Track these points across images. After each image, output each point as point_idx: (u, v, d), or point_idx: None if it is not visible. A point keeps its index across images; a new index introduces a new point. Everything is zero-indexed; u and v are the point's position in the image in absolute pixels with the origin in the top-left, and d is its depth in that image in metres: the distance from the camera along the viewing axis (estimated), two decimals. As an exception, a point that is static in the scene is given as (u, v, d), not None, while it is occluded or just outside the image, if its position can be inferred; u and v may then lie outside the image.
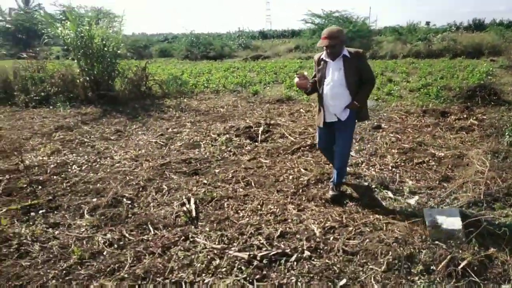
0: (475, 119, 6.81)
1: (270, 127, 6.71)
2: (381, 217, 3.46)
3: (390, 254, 2.82)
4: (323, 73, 3.68)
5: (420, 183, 4.24)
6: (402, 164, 4.84)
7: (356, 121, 3.86)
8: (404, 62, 17.76)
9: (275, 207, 3.76)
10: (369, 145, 5.61)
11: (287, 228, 3.34)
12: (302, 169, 4.73)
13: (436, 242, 2.89)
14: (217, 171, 4.78)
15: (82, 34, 9.89)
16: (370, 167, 4.77)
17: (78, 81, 10.19)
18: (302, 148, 5.57)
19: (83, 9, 19.21)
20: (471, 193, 3.67)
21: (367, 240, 3.09)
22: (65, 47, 13.05)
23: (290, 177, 4.53)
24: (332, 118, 3.73)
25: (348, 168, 4.67)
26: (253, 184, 4.36)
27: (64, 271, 2.82)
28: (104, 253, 3.04)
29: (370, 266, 2.76)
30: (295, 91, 9.95)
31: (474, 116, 6.97)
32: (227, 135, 6.29)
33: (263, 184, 4.36)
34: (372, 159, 5.04)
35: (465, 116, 7.07)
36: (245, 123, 6.90)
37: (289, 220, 3.49)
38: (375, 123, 6.79)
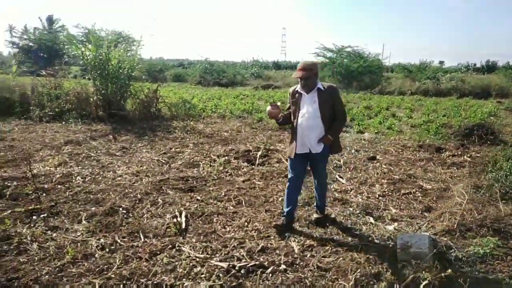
0: (469, 156, 7.00)
1: (269, 152, 6.99)
2: (357, 239, 3.65)
3: (359, 271, 3.01)
4: (298, 105, 3.73)
5: (403, 212, 4.42)
6: (390, 193, 5.04)
7: (330, 154, 3.98)
8: (411, 99, 18.08)
9: (261, 224, 3.98)
10: (360, 174, 5.83)
11: (269, 244, 3.55)
12: (292, 192, 4.96)
13: (404, 263, 3.07)
14: (211, 189, 5.04)
15: (100, 56, 10.48)
16: (358, 195, 4.98)
17: (91, 99, 10.70)
18: (296, 173, 5.81)
19: (104, 32, 20.05)
20: (447, 222, 3.85)
21: (341, 258, 3.28)
22: (84, 67, 13.71)
23: (280, 198, 4.75)
24: (304, 149, 3.76)
25: (336, 194, 4.89)
26: (243, 203, 4.60)
27: (57, 269, 3.06)
28: (96, 256, 3.28)
29: (340, 282, 2.94)
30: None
31: (468, 154, 7.17)
32: (226, 157, 6.58)
33: (253, 203, 4.60)
34: (361, 187, 5.25)
35: (459, 153, 7.27)
36: (245, 147, 7.20)
37: (272, 237, 3.70)
38: (371, 155, 7.01)
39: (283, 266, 3.15)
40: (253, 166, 6.19)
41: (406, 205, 4.64)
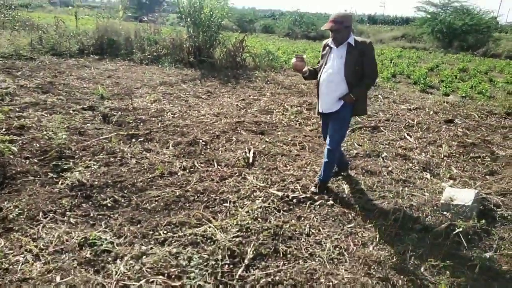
0: None
1: (342, 106, 7.18)
2: (407, 189, 3.89)
3: (398, 214, 3.31)
4: (325, 59, 3.53)
5: (464, 173, 4.47)
6: (456, 155, 5.03)
7: (352, 115, 3.63)
8: (518, 63, 16.16)
9: (319, 167, 4.39)
10: (431, 135, 5.81)
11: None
12: (356, 144, 5.23)
13: (444, 212, 3.28)
14: (279, 133, 5.52)
15: (194, 4, 11.19)
16: (422, 153, 5.06)
17: (184, 46, 11.61)
18: (364, 127, 6.00)
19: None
20: (505, 185, 3.86)
21: (386, 203, 3.59)
22: (179, 14, 14.64)
23: (342, 149, 5.06)
24: (325, 108, 3.57)
25: (400, 150, 5.03)
26: (307, 148, 5.02)
27: (148, 179, 3.85)
28: (178, 174, 4.02)
29: (380, 221, 3.28)
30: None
31: None
32: (299, 108, 6.96)
33: (315, 150, 4.99)
34: (428, 147, 5.30)
35: (553, 124, 6.69)
36: (319, 100, 7.46)
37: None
38: (449, 117, 6.82)
39: (331, 202, 3.57)
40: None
41: (470, 168, 4.65)
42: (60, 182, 3.60)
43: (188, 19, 11.38)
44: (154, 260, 2.57)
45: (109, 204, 3.32)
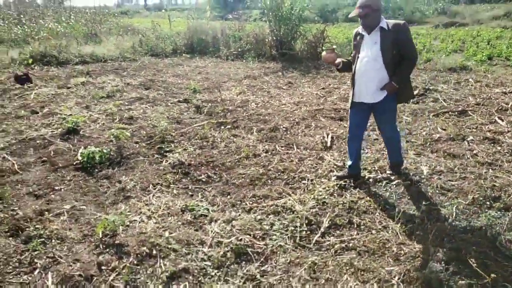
0: None
1: (427, 91, 6.97)
2: (491, 171, 3.80)
3: (479, 193, 3.30)
4: (358, 48, 3.35)
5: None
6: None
7: (398, 103, 3.47)
8: None
9: (397, 150, 4.45)
10: (527, 118, 5.41)
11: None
12: (439, 128, 5.13)
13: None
14: (359, 119, 5.63)
15: (276, -1, 11.58)
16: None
17: (266, 40, 12.09)
18: (450, 112, 5.81)
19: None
20: None
21: (466, 183, 3.58)
22: (262, 10, 15.19)
23: (424, 133, 5.02)
24: (362, 98, 3.40)
25: (488, 134, 4.83)
26: (386, 132, 5.07)
27: (235, 160, 4.33)
28: (261, 155, 4.43)
29: (458, 200, 3.31)
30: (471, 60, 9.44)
31: None
32: (381, 94, 6.93)
33: (395, 134, 5.02)
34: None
35: None
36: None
37: (405, 162, 4.17)
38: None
39: (407, 182, 3.67)
40: (406, 104, 6.39)
41: None
42: (164, 161, 4.25)
43: (270, 14, 11.81)
44: (242, 224, 2.99)
45: (204, 179, 3.86)
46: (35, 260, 2.62)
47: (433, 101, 6.42)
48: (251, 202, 3.38)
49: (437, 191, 3.50)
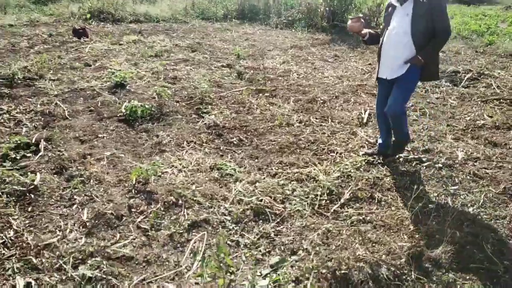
0: None
1: (481, 76, 6.58)
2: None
3: (510, 181, 3.18)
4: (388, 19, 3.19)
5: None
6: None
7: (420, 81, 3.33)
8: None
9: (435, 133, 4.32)
10: None
11: (435, 146, 3.94)
12: (485, 115, 4.89)
13: None
14: (401, 98, 5.47)
15: (333, -32, 11.14)
16: None
17: (319, 10, 11.76)
18: (501, 99, 5.49)
19: None
20: None
21: (501, 172, 3.45)
22: (318, -21, 14.66)
23: (468, 118, 4.80)
24: (388, 73, 3.24)
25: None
26: (427, 114, 4.90)
27: (268, 127, 4.41)
28: (294, 125, 4.48)
29: (489, 188, 3.22)
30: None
31: None
32: (429, 75, 6.63)
33: (437, 117, 4.85)
34: None
35: None
36: (455, 68, 6.95)
37: (440, 142, 4.05)
38: None
39: (439, 165, 3.59)
40: (455, 87, 6.10)
41: None
42: (200, 122, 4.42)
43: (326, -17, 11.43)
44: (265, 186, 3.11)
45: (235, 142, 3.99)
46: (74, 197, 2.91)
47: (485, 87, 6.06)
48: (276, 168, 3.48)
49: (468, 177, 3.41)
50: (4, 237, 2.45)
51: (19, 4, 12.47)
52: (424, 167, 3.57)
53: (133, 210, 2.79)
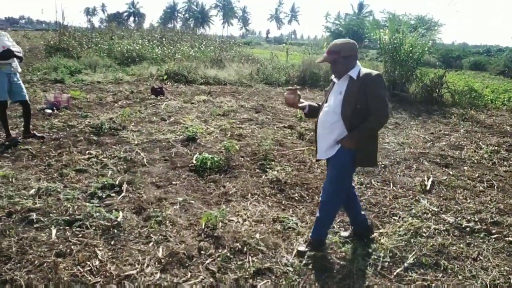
0: None
1: (555, 152, 6.29)
2: None
3: None
4: (326, 96, 3.02)
5: None
6: None
7: (354, 166, 2.96)
8: None
9: (505, 206, 4.17)
10: None
11: (504, 220, 3.80)
12: (561, 192, 4.64)
13: None
14: (466, 168, 5.38)
15: (395, 40, 11.58)
16: None
17: (379, 80, 12.06)
18: None
19: (407, 17, 20.78)
20: None
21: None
22: (379, 50, 15.20)
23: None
24: (319, 153, 3.01)
25: None
26: (495, 187, 4.76)
27: (329, 187, 4.53)
28: (355, 187, 4.55)
29: None
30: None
31: None
32: (497, 147, 6.47)
33: (506, 190, 4.69)
34: None
35: None
36: (524, 142, 6.73)
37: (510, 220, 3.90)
38: None
39: (510, 239, 3.45)
40: (526, 161, 5.88)
41: None
42: (263, 176, 4.66)
43: (387, 55, 11.84)
44: (327, 243, 3.19)
45: (296, 198, 4.15)
46: (151, 235, 3.19)
47: (561, 163, 5.77)
48: (338, 226, 3.55)
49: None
50: (91, 265, 2.75)
51: (106, 65, 14.21)
52: (493, 239, 3.45)
53: (202, 252, 2.99)
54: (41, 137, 5.48)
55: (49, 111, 6.97)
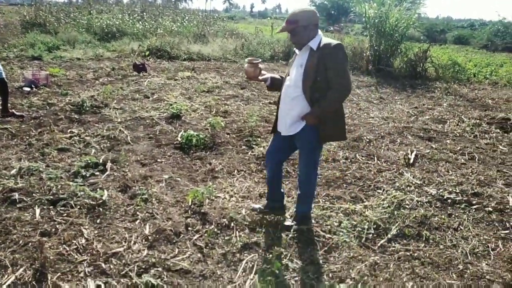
0: None
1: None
2: None
3: None
4: (289, 68, 2.87)
5: None
6: None
7: (320, 141, 2.87)
8: None
9: (485, 178, 4.28)
10: None
11: (484, 191, 3.91)
12: (538, 163, 4.78)
13: None
14: (448, 142, 5.48)
15: (380, 14, 11.48)
16: None
17: (364, 54, 12.05)
18: (556, 149, 5.34)
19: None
20: None
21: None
22: (364, 24, 15.09)
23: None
24: (283, 129, 2.88)
25: None
26: (476, 159, 4.87)
27: (315, 162, 4.55)
28: (340, 161, 4.60)
29: None
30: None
31: None
32: (479, 121, 6.59)
33: (487, 162, 4.80)
34: None
35: None
36: (504, 115, 6.86)
37: (490, 186, 4.01)
38: None
39: (489, 208, 3.56)
40: (505, 134, 6.01)
41: None
42: (249, 153, 4.66)
43: (372, 29, 11.77)
44: (312, 217, 3.23)
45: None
46: (137, 213, 3.17)
47: (539, 135, 5.92)
48: (323, 200, 3.60)
49: None
50: (77, 243, 2.73)
51: (86, 41, 13.78)
52: (474, 210, 3.56)
53: (189, 228, 3.00)
54: (21, 116, 5.33)
55: (27, 89, 6.75)
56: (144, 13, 20.35)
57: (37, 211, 3.07)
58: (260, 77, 2.94)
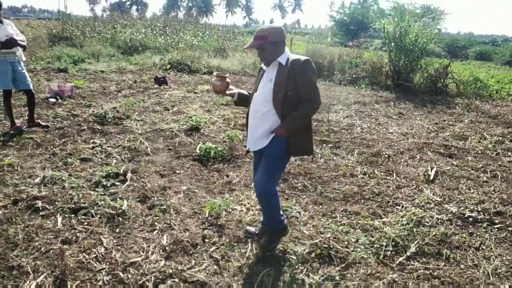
0: None
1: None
2: None
3: None
4: (257, 84, 2.84)
5: None
6: None
7: (290, 156, 2.84)
8: None
9: (508, 196, 4.17)
10: None
11: (508, 210, 3.81)
12: None
13: None
14: (469, 159, 5.36)
15: (399, 30, 11.46)
16: None
17: (383, 69, 12.00)
18: None
19: (412, 6, 20.48)
20: None
21: None
22: (384, 40, 15.06)
23: None
24: (250, 144, 2.85)
25: None
26: (499, 177, 4.75)
27: (332, 176, 4.53)
28: (358, 176, 4.56)
29: None
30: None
31: None
32: (501, 138, 6.44)
33: (510, 181, 4.67)
34: None
35: None
36: (529, 132, 6.69)
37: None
38: None
39: (512, 228, 3.46)
40: (530, 151, 5.85)
41: None
42: (267, 166, 4.67)
43: (392, 44, 11.74)
44: (330, 231, 3.21)
45: (299, 187, 4.16)
46: (155, 223, 3.22)
47: None
48: (340, 216, 3.57)
49: None
50: (96, 252, 2.78)
51: (109, 54, 14.19)
52: (496, 229, 3.46)
53: (206, 240, 3.02)
54: (46, 126, 5.51)
55: (53, 100, 6.99)
56: (166, 28, 20.86)
57: (59, 219, 3.15)
58: (227, 92, 2.94)
